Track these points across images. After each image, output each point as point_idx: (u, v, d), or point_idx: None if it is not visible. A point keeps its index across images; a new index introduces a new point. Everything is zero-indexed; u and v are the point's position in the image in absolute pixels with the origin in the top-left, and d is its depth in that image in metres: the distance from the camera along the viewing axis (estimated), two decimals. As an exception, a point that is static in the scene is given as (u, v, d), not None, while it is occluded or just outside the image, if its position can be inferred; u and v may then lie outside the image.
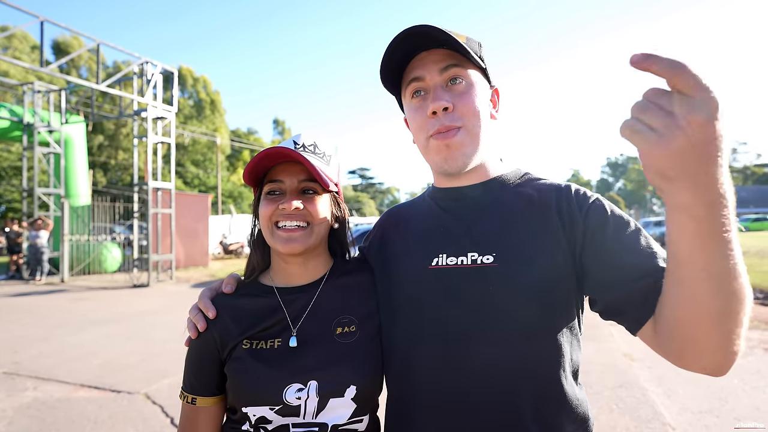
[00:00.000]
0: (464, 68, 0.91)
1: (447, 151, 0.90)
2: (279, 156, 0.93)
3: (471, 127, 0.90)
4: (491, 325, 0.85)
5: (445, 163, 0.92)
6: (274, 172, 0.97)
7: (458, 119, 0.89)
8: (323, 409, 0.91)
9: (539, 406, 0.84)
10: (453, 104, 0.89)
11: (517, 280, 0.84)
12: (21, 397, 4.29)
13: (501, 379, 0.84)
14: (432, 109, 0.89)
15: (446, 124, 0.89)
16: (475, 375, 0.85)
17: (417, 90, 0.93)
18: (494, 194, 0.95)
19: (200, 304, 0.99)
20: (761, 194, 56.31)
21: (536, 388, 0.84)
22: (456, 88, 0.91)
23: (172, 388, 4.51)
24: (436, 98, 0.89)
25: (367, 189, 75.67)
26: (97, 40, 11.45)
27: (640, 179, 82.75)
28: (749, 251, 17.45)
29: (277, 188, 0.96)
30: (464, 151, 0.90)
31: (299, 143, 0.99)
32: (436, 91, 0.90)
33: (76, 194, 14.22)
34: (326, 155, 1.01)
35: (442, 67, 0.90)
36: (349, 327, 0.97)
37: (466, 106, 0.90)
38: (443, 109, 0.89)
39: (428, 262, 0.93)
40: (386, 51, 0.91)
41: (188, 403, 0.97)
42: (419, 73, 0.92)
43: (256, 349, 0.94)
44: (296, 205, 0.92)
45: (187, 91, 39.58)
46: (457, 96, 0.90)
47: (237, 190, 37.41)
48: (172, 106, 13.01)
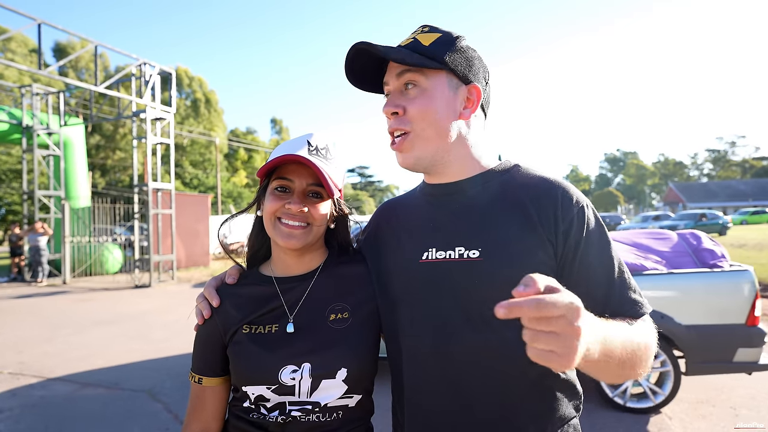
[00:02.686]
0: (420, 73, 0.94)
1: (399, 154, 0.98)
2: (293, 161, 0.99)
3: (419, 131, 0.94)
4: (477, 317, 0.90)
5: (402, 163, 1.00)
6: (285, 169, 1.03)
7: (407, 123, 0.95)
8: (316, 389, 0.98)
9: (526, 390, 0.90)
10: (404, 108, 0.94)
11: (501, 274, 0.89)
12: (27, 397, 4.35)
13: (489, 366, 0.90)
14: (384, 111, 0.97)
15: (394, 127, 0.96)
16: (464, 362, 0.91)
17: (387, 93, 1.00)
18: (481, 189, 0.99)
19: (206, 293, 1.07)
20: (759, 187, 56.41)
21: (522, 372, 0.89)
22: (409, 93, 0.95)
23: (176, 385, 4.56)
24: (387, 103, 0.97)
25: (366, 187, 75.64)
26: (96, 42, 11.47)
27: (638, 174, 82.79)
28: (747, 244, 17.52)
29: (286, 186, 1.02)
30: (413, 153, 0.96)
31: (312, 145, 1.03)
32: (392, 96, 0.97)
33: (77, 196, 14.24)
34: (335, 160, 1.07)
35: (398, 72, 0.96)
36: (342, 314, 1.04)
37: (416, 111, 0.94)
38: (392, 113, 0.96)
39: (419, 256, 0.98)
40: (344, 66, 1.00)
41: (196, 382, 1.05)
42: (386, 78, 1.00)
43: (255, 334, 1.01)
44: (302, 208, 0.99)
45: (183, 91, 39.55)
46: (408, 101, 0.95)
47: (236, 191, 37.40)
48: (170, 107, 13.03)
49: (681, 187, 59.77)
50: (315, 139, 1.05)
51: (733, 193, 55.71)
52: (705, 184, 61.13)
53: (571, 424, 0.94)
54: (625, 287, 0.91)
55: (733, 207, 50.45)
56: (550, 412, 0.91)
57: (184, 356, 5.49)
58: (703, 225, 23.10)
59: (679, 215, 25.72)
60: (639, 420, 3.46)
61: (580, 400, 0.97)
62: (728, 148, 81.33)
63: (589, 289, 0.87)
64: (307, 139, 1.04)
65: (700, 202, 51.83)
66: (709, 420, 3.45)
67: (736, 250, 15.61)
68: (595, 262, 0.90)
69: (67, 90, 14.82)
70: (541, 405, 0.91)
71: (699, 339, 3.42)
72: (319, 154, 1.03)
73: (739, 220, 34.14)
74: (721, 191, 56.60)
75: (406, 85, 0.96)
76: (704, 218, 23.55)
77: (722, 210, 45.47)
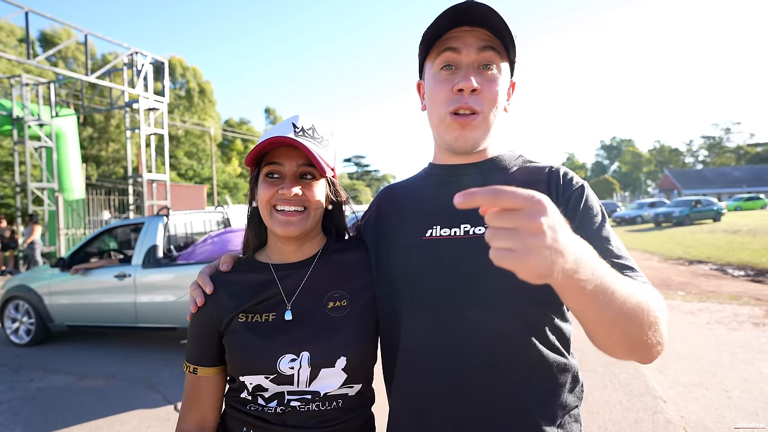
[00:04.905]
0: (499, 55, 0.93)
1: (460, 131, 0.94)
2: (280, 143, 0.96)
3: (488, 114, 0.93)
4: (482, 293, 0.88)
5: (455, 142, 0.95)
6: (273, 154, 1.00)
7: (480, 103, 0.91)
8: (315, 378, 0.96)
9: (526, 371, 0.88)
10: (481, 87, 0.91)
11: None
12: (25, 389, 4.35)
13: (489, 343, 0.89)
14: (461, 86, 0.90)
15: (470, 105, 0.91)
16: (466, 338, 0.89)
17: (448, 63, 0.94)
18: (489, 172, 0.99)
19: (199, 280, 1.04)
20: (754, 173, 56.67)
21: (523, 352, 0.88)
22: (486, 74, 0.92)
23: (174, 376, 4.58)
24: (467, 77, 0.90)
25: (363, 177, 75.38)
26: (85, 31, 11.28)
27: (634, 161, 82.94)
28: (741, 230, 17.66)
29: (277, 171, 0.99)
30: (476, 136, 0.94)
31: (298, 126, 1.00)
32: (469, 70, 0.91)
33: (70, 188, 14.12)
34: (324, 139, 1.04)
35: (481, 46, 0.91)
36: (340, 301, 1.02)
37: (490, 94, 0.92)
38: (471, 90, 0.90)
39: (423, 233, 0.96)
40: (438, 18, 0.91)
41: (191, 372, 1.02)
42: (457, 45, 0.92)
43: (252, 323, 0.99)
44: (295, 191, 0.96)
45: (177, 81, 39.12)
46: (485, 81, 0.92)
47: (232, 181, 37.24)
48: (163, 97, 12.89)
49: (676, 174, 59.95)
50: (301, 121, 1.02)
51: (728, 180, 55.93)
52: (700, 171, 61.31)
53: (573, 414, 0.93)
54: (622, 258, 0.87)
55: (728, 193, 50.71)
56: (550, 396, 0.89)
57: (182, 346, 5.50)
58: (698, 211, 23.23)
59: (674, 202, 25.82)
60: (633, 404, 3.51)
61: (581, 389, 0.96)
62: (723, 135, 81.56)
63: None
64: (292, 122, 1.01)
65: (695, 189, 52.03)
66: (702, 402, 3.50)
67: (730, 236, 15.74)
68: (592, 233, 0.89)
69: (58, 80, 14.58)
70: (540, 388, 0.89)
71: None
72: (305, 134, 1.00)
73: (733, 207, 34.34)
74: (716, 178, 56.82)
75: (484, 65, 0.92)
76: (699, 204, 23.66)
77: (717, 196, 45.69)
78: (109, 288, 5.38)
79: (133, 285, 5.27)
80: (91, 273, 5.54)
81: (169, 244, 5.64)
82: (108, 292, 5.40)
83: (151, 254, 5.27)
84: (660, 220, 23.49)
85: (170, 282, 5.13)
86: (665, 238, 16.89)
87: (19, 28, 28.31)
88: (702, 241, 14.93)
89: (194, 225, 6.37)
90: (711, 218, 23.57)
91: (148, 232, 5.42)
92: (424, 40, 0.96)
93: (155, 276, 5.20)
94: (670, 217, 23.17)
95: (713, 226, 20.92)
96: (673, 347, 4.77)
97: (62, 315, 5.71)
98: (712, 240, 15.12)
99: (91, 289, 5.52)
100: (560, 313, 0.94)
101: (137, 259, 5.32)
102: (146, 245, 5.33)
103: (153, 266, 5.22)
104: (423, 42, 0.97)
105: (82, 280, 5.56)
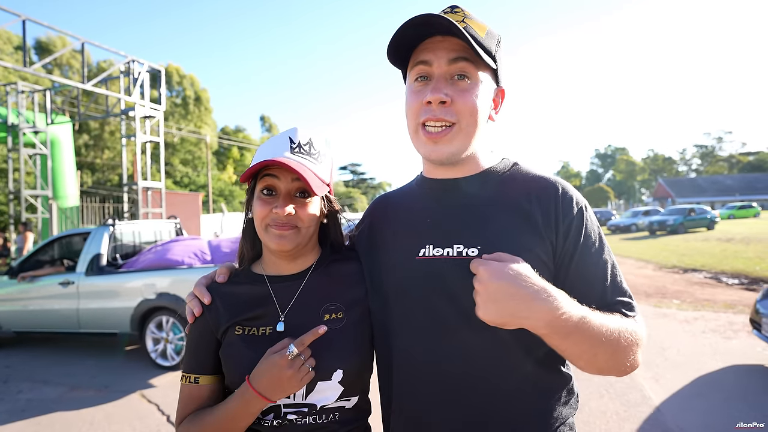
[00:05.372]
0: (474, 64, 0.90)
1: (433, 146, 0.92)
2: (277, 163, 0.96)
3: (464, 126, 0.90)
4: (473, 313, 0.88)
5: (429, 155, 0.95)
6: (269, 169, 1.00)
7: (453, 115, 0.89)
8: (312, 391, 0.96)
9: (521, 389, 0.89)
10: (452, 98, 0.89)
11: None
12: (14, 400, 4.28)
13: (483, 364, 0.89)
14: (428, 99, 0.88)
15: (439, 116, 0.89)
16: (459, 355, 0.90)
17: (422, 74, 0.92)
18: (482, 187, 0.97)
19: (196, 291, 1.04)
20: (746, 182, 57.23)
21: (517, 371, 0.89)
22: (460, 84, 0.90)
23: (167, 386, 4.52)
24: (435, 89, 0.89)
25: (359, 185, 75.43)
26: (82, 39, 11.28)
27: (628, 170, 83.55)
28: (734, 238, 17.77)
29: (273, 185, 0.99)
30: (451, 149, 0.91)
31: (295, 142, 1.00)
32: (439, 82, 0.89)
33: (65, 195, 14.02)
34: (321, 154, 1.03)
35: (452, 57, 0.89)
36: (336, 314, 1.01)
37: (464, 104, 0.89)
38: (440, 102, 0.88)
39: (415, 252, 0.96)
40: (398, 30, 0.89)
41: (191, 383, 1.00)
42: (428, 57, 0.90)
43: (248, 335, 0.99)
44: (289, 211, 0.96)
45: (174, 89, 39.14)
46: (458, 92, 0.89)
47: (228, 189, 37.12)
48: (160, 105, 12.87)
49: (670, 182, 60.42)
50: (298, 135, 1.01)
51: (721, 188, 56.42)
52: (693, 180, 61.82)
53: (567, 423, 0.94)
54: (617, 291, 0.91)
55: (721, 202, 51.09)
56: (546, 412, 0.90)
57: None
58: (692, 219, 23.38)
59: (668, 210, 25.99)
60: (630, 414, 3.49)
61: (576, 400, 0.97)
62: (715, 144, 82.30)
63: (583, 290, 0.87)
64: (289, 136, 1.01)
65: (688, 197, 52.40)
66: (698, 411, 3.49)
67: (724, 244, 15.84)
68: (591, 265, 0.90)
69: (53, 88, 14.55)
70: (536, 404, 0.90)
71: None
72: (302, 151, 1.00)
73: (726, 215, 34.58)
74: (709, 186, 57.30)
75: (457, 76, 0.90)
76: (693, 213, 23.82)
77: (710, 205, 46.05)
78: (54, 295, 5.55)
79: (76, 292, 5.45)
80: (37, 280, 5.69)
81: (115, 252, 5.89)
82: (52, 299, 5.57)
83: (95, 262, 5.49)
84: (654, 229, 23.62)
85: (111, 289, 5.35)
86: (660, 247, 16.98)
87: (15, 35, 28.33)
88: (696, 250, 15.02)
89: (144, 234, 6.59)
90: (705, 226, 23.73)
91: (93, 241, 5.63)
92: (390, 52, 0.95)
93: (97, 283, 5.40)
94: (664, 225, 23.31)
95: (707, 234, 21.05)
96: (669, 356, 4.77)
97: (9, 321, 5.88)
98: (706, 248, 15.21)
99: (37, 296, 5.69)
100: None
101: (81, 267, 5.52)
102: (91, 254, 5.55)
103: (96, 274, 5.43)
104: (391, 53, 0.95)
105: (29, 287, 5.71)
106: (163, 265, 5.28)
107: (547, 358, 0.91)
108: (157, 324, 5.11)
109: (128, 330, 5.22)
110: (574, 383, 0.96)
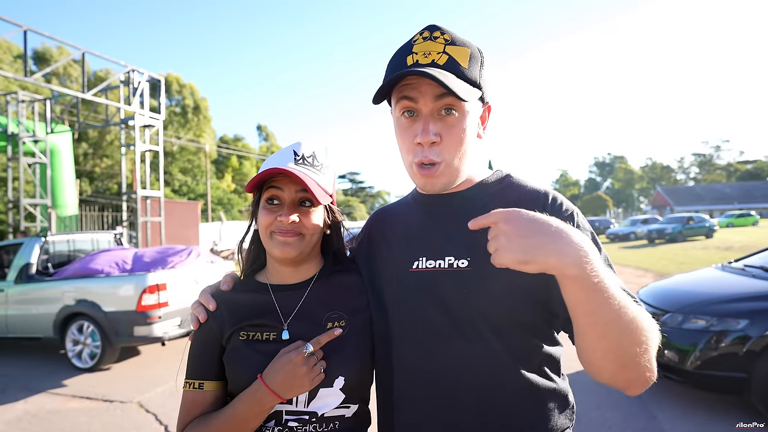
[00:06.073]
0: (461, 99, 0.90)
1: (427, 179, 0.94)
2: (281, 172, 0.99)
3: (451, 161, 0.92)
4: (465, 323, 0.91)
5: (423, 188, 0.99)
6: (274, 180, 1.03)
7: (441, 154, 0.91)
8: (314, 397, 0.97)
9: (517, 400, 0.90)
10: (441, 136, 0.90)
11: (489, 284, 0.90)
12: (11, 410, 4.25)
13: (478, 375, 0.90)
14: (419, 141, 0.90)
15: (430, 158, 0.91)
16: (453, 372, 0.91)
17: (408, 109, 0.93)
18: (473, 200, 1.00)
19: (201, 299, 1.07)
20: (744, 190, 57.49)
21: (512, 382, 0.90)
22: (448, 120, 0.91)
23: (166, 396, 4.50)
24: (425, 131, 0.89)
25: (357, 193, 75.58)
26: (83, 49, 11.36)
27: (626, 178, 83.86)
28: (733, 246, 17.80)
29: (277, 196, 1.02)
30: (443, 181, 0.94)
31: (299, 154, 1.04)
32: (427, 122, 0.90)
33: (64, 204, 14.03)
34: (324, 166, 1.08)
35: (437, 94, 0.89)
36: (338, 322, 1.04)
37: (451, 140, 0.91)
38: (431, 143, 0.90)
39: (409, 265, 0.99)
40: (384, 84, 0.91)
41: (194, 389, 1.01)
42: (413, 95, 0.90)
43: (252, 341, 1.01)
44: (293, 219, 1.00)
45: (173, 98, 39.32)
46: (447, 129, 0.90)
47: (226, 197, 37.15)
48: (159, 114, 12.93)
49: (668, 190, 60.67)
50: (302, 148, 1.06)
51: (719, 197, 56.67)
52: (692, 188, 62.09)
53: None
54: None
55: (719, 210, 51.28)
56: (542, 422, 0.91)
57: (174, 366, 5.42)
58: (691, 228, 23.43)
59: (667, 218, 26.04)
60: (629, 424, 3.48)
61: (572, 411, 0.97)
62: (713, 152, 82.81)
63: None
64: (293, 149, 1.05)
65: (687, 206, 52.58)
66: (699, 421, 3.47)
67: (723, 252, 15.85)
68: None
69: (53, 97, 14.62)
70: (532, 415, 0.91)
71: (113, 320, 5.20)
72: (306, 162, 1.04)
73: (725, 223, 34.66)
74: (708, 195, 57.54)
75: (444, 110, 0.90)
76: (692, 221, 23.87)
77: (709, 213, 46.20)
78: None
79: (5, 299, 5.88)
80: None
81: (47, 262, 6.25)
82: None
83: (25, 271, 5.88)
84: (653, 237, 23.65)
85: (36, 296, 5.77)
86: (659, 255, 16.99)
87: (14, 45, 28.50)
88: (695, 258, 15.03)
89: (80, 244, 6.98)
90: (703, 235, 23.77)
91: (25, 251, 6.05)
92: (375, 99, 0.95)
93: (24, 291, 5.84)
94: (663, 233, 23.35)
95: (706, 242, 21.08)
96: (669, 365, 4.75)
97: None
98: (705, 256, 15.22)
99: None
100: (547, 338, 0.95)
101: (11, 276, 5.95)
102: (21, 263, 5.95)
103: (24, 282, 5.84)
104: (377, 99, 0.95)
105: None
106: (84, 274, 5.60)
107: (542, 368, 0.93)
108: (78, 327, 5.48)
109: (51, 335, 5.63)
110: (569, 394, 0.97)
